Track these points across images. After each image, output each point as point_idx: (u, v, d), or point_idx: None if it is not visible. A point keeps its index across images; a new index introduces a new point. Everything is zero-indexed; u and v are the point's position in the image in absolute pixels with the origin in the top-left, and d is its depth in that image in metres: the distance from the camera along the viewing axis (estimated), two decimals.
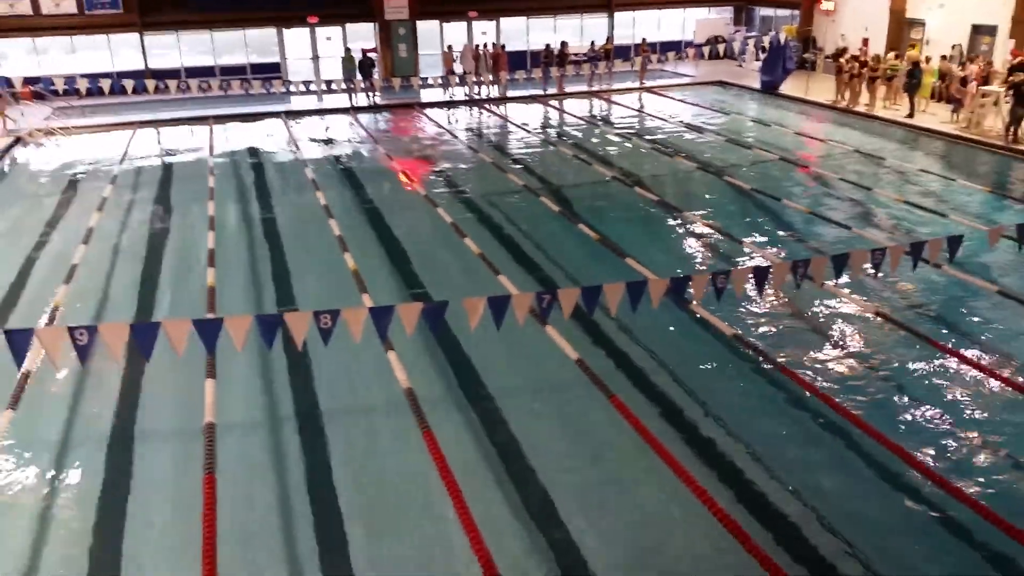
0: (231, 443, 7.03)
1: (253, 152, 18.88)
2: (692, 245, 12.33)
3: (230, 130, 21.46)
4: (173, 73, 25.97)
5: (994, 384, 7.83)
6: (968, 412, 7.49)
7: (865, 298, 9.89)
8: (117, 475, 6.81)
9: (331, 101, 25.12)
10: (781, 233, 12.75)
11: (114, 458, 7.06)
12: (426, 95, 26.22)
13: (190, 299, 10.07)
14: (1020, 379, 7.91)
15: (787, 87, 24.95)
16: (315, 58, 28.59)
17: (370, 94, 25.07)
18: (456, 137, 20.46)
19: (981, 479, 6.51)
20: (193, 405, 7.29)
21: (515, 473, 6.70)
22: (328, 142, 20.28)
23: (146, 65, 26.44)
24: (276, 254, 12.00)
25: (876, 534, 5.94)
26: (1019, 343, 8.79)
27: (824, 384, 7.92)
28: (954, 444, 7.02)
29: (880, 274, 8.88)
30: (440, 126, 21.93)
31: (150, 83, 20.73)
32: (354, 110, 24.07)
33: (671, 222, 13.29)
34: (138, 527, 6.17)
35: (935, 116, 20.52)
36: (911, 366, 8.32)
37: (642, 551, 5.83)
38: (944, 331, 9.12)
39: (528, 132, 20.96)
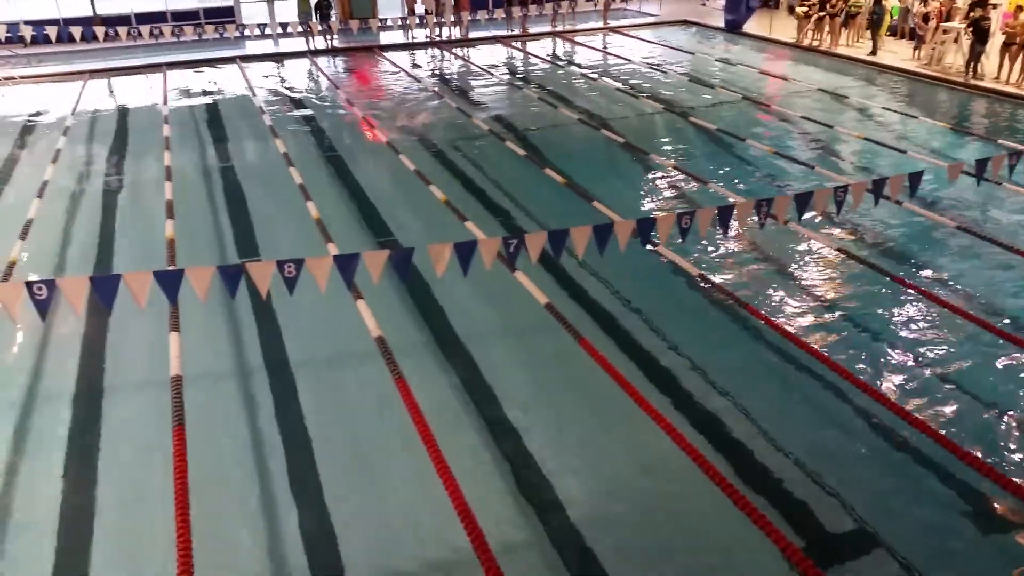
0: (200, 395, 6.98)
1: (209, 100, 18.39)
2: (658, 187, 12.34)
3: (184, 77, 20.84)
4: (123, 19, 25.04)
5: (952, 317, 8.01)
6: (926, 344, 7.68)
7: (827, 235, 10.01)
8: (84, 430, 6.75)
9: (287, 45, 24.48)
10: (745, 173, 12.79)
11: (80, 413, 6.99)
12: (385, 37, 25.66)
13: (150, 252, 9.87)
14: (976, 312, 8.09)
15: (751, 26, 24.80)
16: (270, 0, 27.72)
17: (328, 37, 24.45)
18: (418, 81, 20.10)
19: (938, 408, 6.70)
20: (159, 358, 7.21)
21: (488, 417, 6.75)
22: (286, 88, 19.81)
23: (94, 11, 25.47)
24: (236, 204, 11.79)
25: (838, 464, 6.10)
26: (977, 277, 8.98)
27: (787, 320, 8.06)
28: (912, 375, 7.20)
29: (842, 211, 8.96)
30: (401, 69, 21.51)
31: (99, 30, 20.01)
32: (312, 54, 23.49)
33: (637, 164, 13.26)
34: (108, 481, 6.14)
35: (896, 54, 20.58)
36: (872, 301, 8.48)
37: (613, 488, 5.94)
38: (904, 266, 9.28)
39: (492, 74, 20.65)
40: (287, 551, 5.42)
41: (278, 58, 23.36)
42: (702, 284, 8.81)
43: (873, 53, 20.49)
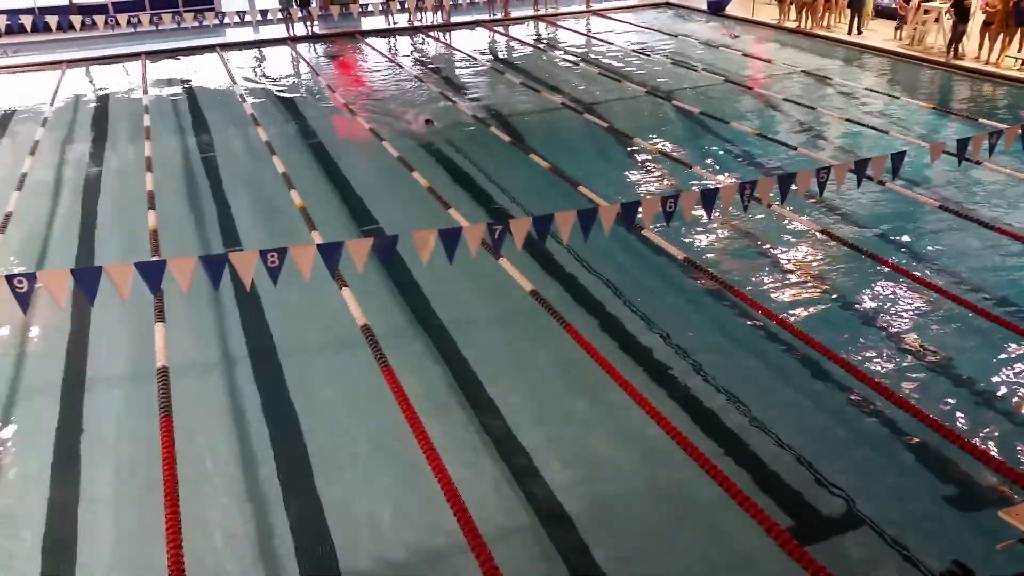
0: (187, 386, 6.96)
1: (189, 88, 18.22)
2: (642, 171, 12.34)
3: (164, 66, 20.61)
4: (100, 8, 24.69)
5: (934, 296, 8.08)
6: (909, 323, 7.75)
7: (811, 217, 10.06)
8: (69, 422, 6.72)
9: (268, 32, 24.25)
10: (729, 156, 12.83)
11: (67, 406, 6.95)
12: (367, 23, 25.46)
13: (133, 243, 9.81)
14: (958, 291, 8.16)
15: (733, 7, 24.77)
16: None
17: (308, 23, 24.23)
18: (400, 66, 19.97)
19: (921, 387, 6.77)
20: (144, 349, 7.18)
21: (475, 404, 6.77)
22: (267, 75, 19.64)
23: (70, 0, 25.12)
24: (218, 194, 11.71)
25: (822, 443, 6.17)
26: (957, 256, 9.06)
27: (771, 301, 8.10)
28: (895, 354, 7.27)
29: (825, 192, 9.01)
30: (383, 55, 21.36)
31: (76, 19, 19.73)
32: (292, 41, 23.28)
33: (621, 148, 13.26)
34: (94, 473, 6.12)
35: (877, 33, 20.64)
36: (854, 281, 8.55)
37: (600, 471, 5.98)
38: (886, 246, 9.34)
39: (474, 59, 20.55)
40: (276, 540, 5.43)
41: (258, 45, 23.14)
42: (687, 267, 8.84)
43: (858, 33, 20.53)
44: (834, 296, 8.32)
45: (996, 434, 6.20)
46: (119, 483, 6.03)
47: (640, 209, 7.29)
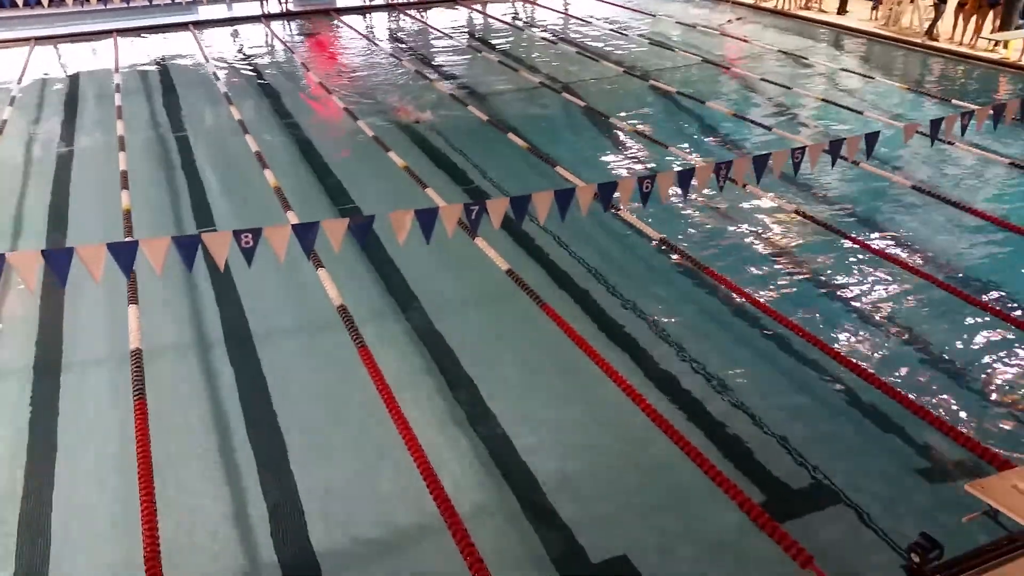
0: (161, 368, 6.92)
1: (161, 66, 17.93)
2: (619, 150, 12.35)
3: (135, 44, 20.26)
4: None
5: (906, 274, 8.18)
6: (881, 302, 7.85)
7: (786, 197, 10.13)
8: (42, 406, 6.66)
9: (241, 9, 23.87)
10: (705, 136, 12.86)
11: (37, 389, 6.88)
12: (342, 0, 25.14)
13: (106, 224, 9.67)
14: (930, 269, 8.27)
15: None
16: None
17: (282, 0, 23.90)
18: (376, 44, 19.77)
19: (892, 364, 6.88)
20: (117, 332, 7.12)
21: (452, 383, 6.79)
22: (240, 53, 19.38)
23: None
24: (192, 174, 11.57)
25: (795, 420, 6.25)
26: (931, 235, 9.18)
27: (746, 281, 8.16)
28: (868, 333, 7.37)
29: (799, 173, 9.06)
30: (358, 33, 21.13)
31: None
32: (266, 18, 22.94)
33: (598, 128, 13.25)
34: (68, 457, 6.08)
35: (853, 13, 20.72)
36: (828, 260, 8.64)
37: (577, 449, 6.02)
38: (860, 226, 9.44)
39: (451, 37, 20.38)
40: (253, 522, 5.42)
41: (232, 23, 22.79)
42: (663, 248, 8.88)
43: (842, 12, 20.68)
44: (808, 275, 8.41)
45: (964, 410, 6.32)
46: (93, 465, 5.98)
47: (617, 189, 7.29)
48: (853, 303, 7.87)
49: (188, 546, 5.22)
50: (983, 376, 6.74)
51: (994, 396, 6.51)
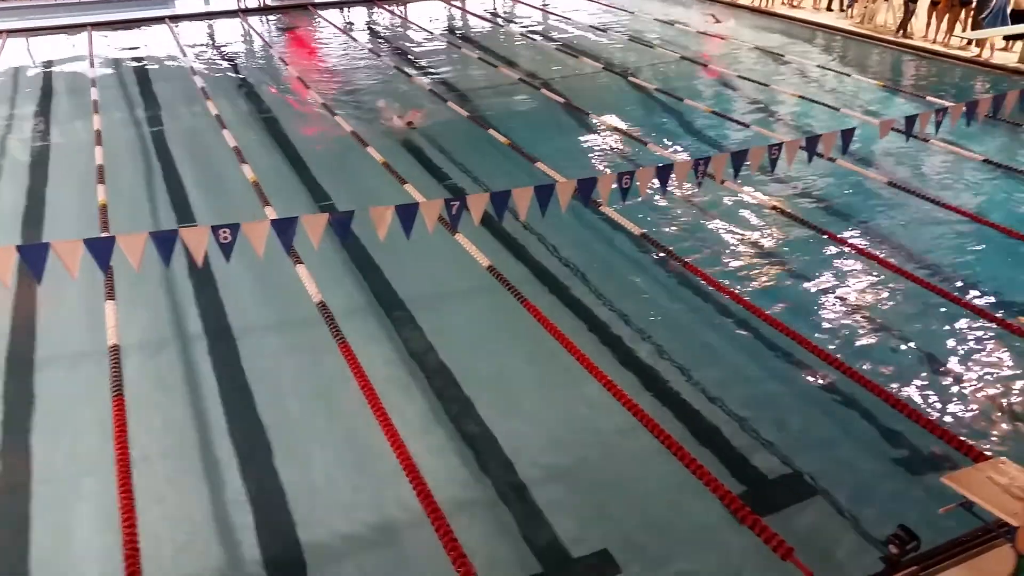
0: (139, 365, 6.86)
1: (137, 61, 17.73)
2: (599, 147, 12.38)
3: (111, 37, 20.01)
4: None
5: (881, 269, 8.28)
6: (857, 296, 7.94)
7: (763, 193, 10.21)
8: (17, 403, 6.58)
9: (218, 3, 23.65)
10: (684, 132, 12.93)
11: (13, 386, 6.80)
12: None
13: (82, 219, 9.56)
14: (904, 264, 8.37)
15: None
16: None
17: None
18: (354, 39, 19.67)
19: (869, 357, 6.96)
20: (95, 328, 7.04)
21: (433, 379, 6.78)
22: (218, 48, 19.20)
23: None
24: (169, 169, 11.46)
25: (775, 413, 6.31)
26: (905, 230, 9.29)
27: (725, 275, 8.23)
28: (845, 326, 7.45)
29: (776, 169, 9.15)
30: (337, 28, 21.00)
31: None
32: (244, 12, 22.75)
33: (578, 124, 13.27)
34: (44, 455, 6.01)
35: (820, 11, 20.97)
36: (805, 255, 8.73)
37: (558, 444, 6.05)
38: (836, 222, 9.54)
39: (430, 33, 20.32)
40: (234, 520, 5.39)
41: (209, 17, 22.56)
42: (643, 242, 8.92)
43: (829, 9, 20.94)
44: (785, 269, 8.49)
45: (939, 402, 6.41)
46: (71, 463, 5.92)
47: (596, 185, 7.31)
48: (830, 297, 7.95)
49: (168, 543, 5.18)
50: (958, 369, 6.84)
51: (969, 389, 6.61)
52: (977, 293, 7.92)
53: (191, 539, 5.25)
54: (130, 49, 18.75)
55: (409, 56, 18.13)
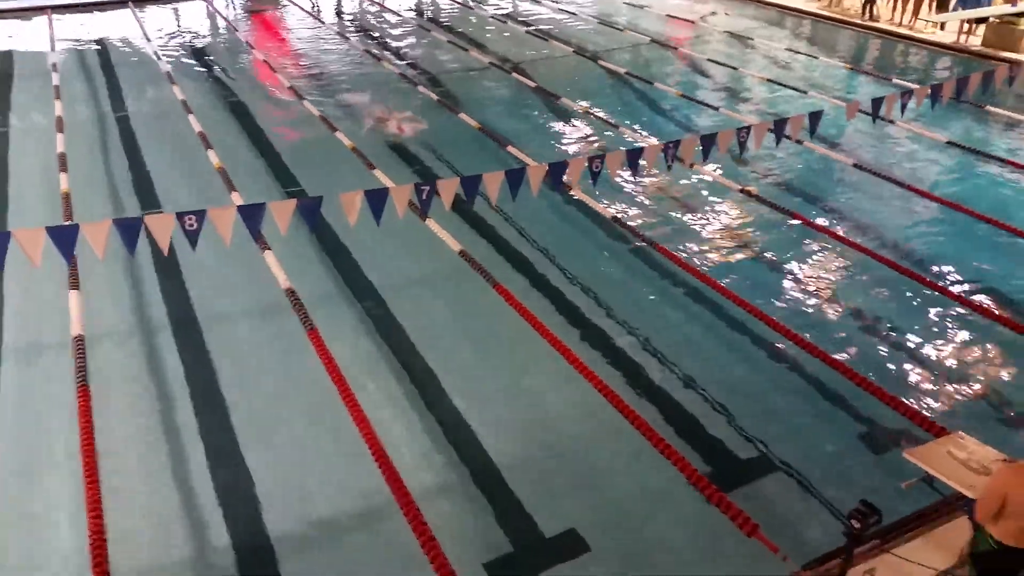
0: (105, 354, 6.77)
1: (100, 45, 17.37)
2: (570, 130, 12.38)
3: (72, 21, 19.57)
4: None
5: (847, 250, 8.39)
6: (822, 275, 8.05)
7: (731, 175, 10.28)
8: None
9: None
10: (653, 115, 12.97)
11: None
12: None
13: (44, 207, 9.40)
14: (870, 244, 8.49)
15: None
16: None
17: None
18: (322, 23, 19.44)
19: (835, 336, 7.06)
20: (59, 318, 6.94)
21: (404, 365, 6.77)
22: (183, 31, 18.87)
23: None
24: (134, 155, 11.27)
25: (743, 394, 6.39)
26: (871, 211, 9.42)
27: (694, 257, 8.30)
28: (811, 307, 7.55)
29: (745, 151, 9.20)
30: (304, 11, 20.73)
31: None
32: None
33: (548, 108, 13.25)
34: (8, 446, 5.93)
35: None
36: (772, 236, 8.82)
37: (529, 427, 6.08)
38: (804, 203, 9.64)
39: (400, 16, 20.13)
40: (204, 507, 5.37)
41: (174, 0, 22.13)
42: (613, 226, 8.95)
43: None
44: (753, 251, 8.57)
45: (902, 379, 6.54)
46: (36, 454, 5.85)
47: (567, 169, 7.31)
48: (795, 277, 8.04)
49: (135, 533, 5.14)
50: (920, 347, 6.97)
51: (930, 366, 6.74)
52: (939, 272, 8.06)
53: (159, 529, 5.21)
54: (92, 33, 18.35)
55: (379, 39, 17.96)
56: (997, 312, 7.33)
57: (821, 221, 9.07)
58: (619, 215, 9.04)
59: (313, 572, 4.97)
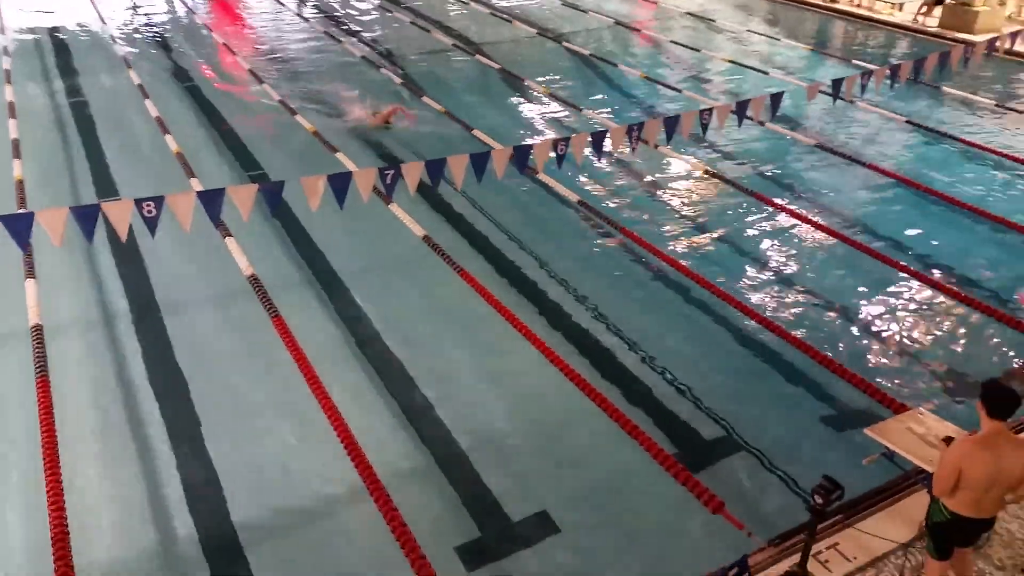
0: (64, 344, 6.63)
1: (54, 28, 16.90)
2: (534, 113, 12.35)
3: (25, 3, 18.99)
4: None
5: (810, 230, 8.49)
6: (785, 256, 8.15)
7: (695, 157, 10.34)
8: None
9: None
10: (618, 97, 12.98)
11: None
12: None
13: None
14: (832, 224, 8.60)
15: None
16: None
17: None
18: (283, 4, 19.12)
19: (797, 316, 7.16)
20: (15, 307, 6.78)
21: (369, 351, 6.73)
22: (139, 14, 18.44)
23: None
24: (90, 140, 11.02)
25: (708, 375, 6.46)
26: (833, 191, 9.54)
27: (658, 239, 8.34)
28: (775, 286, 7.64)
29: (708, 133, 9.27)
30: None
31: None
32: None
33: (513, 90, 13.20)
34: None
35: None
36: (736, 217, 8.90)
37: (496, 410, 6.09)
38: (766, 183, 9.74)
39: None
40: (168, 498, 5.29)
41: None
42: (579, 209, 8.96)
43: None
44: (717, 232, 8.64)
45: (863, 357, 6.65)
46: None
47: (532, 152, 7.30)
48: (759, 258, 8.13)
49: (97, 526, 5.04)
50: (881, 325, 7.09)
51: (891, 343, 6.86)
52: (899, 250, 8.20)
53: (122, 520, 5.13)
54: (45, 15, 17.85)
55: (340, 20, 17.72)
56: (955, 288, 7.47)
57: (783, 199, 9.18)
58: (584, 197, 9.04)
59: (282, 560, 4.92)
